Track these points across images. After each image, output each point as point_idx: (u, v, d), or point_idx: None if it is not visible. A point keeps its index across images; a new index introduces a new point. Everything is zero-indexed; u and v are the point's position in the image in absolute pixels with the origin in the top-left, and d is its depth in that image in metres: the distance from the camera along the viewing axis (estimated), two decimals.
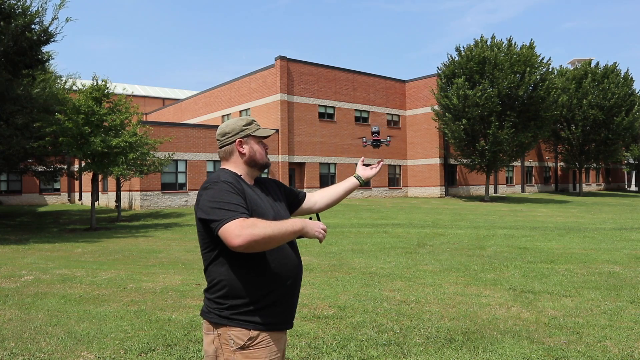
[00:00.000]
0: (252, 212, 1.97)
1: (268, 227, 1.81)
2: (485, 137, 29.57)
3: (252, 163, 2.15)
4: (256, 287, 1.97)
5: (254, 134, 2.16)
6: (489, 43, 30.12)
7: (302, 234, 1.94)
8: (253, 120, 2.20)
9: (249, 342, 1.94)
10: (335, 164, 31.58)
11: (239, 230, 1.78)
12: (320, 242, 2.00)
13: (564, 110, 36.49)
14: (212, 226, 1.88)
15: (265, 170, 28.61)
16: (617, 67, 38.42)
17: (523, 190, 42.98)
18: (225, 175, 2.04)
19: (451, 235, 13.46)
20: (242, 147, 2.14)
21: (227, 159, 2.17)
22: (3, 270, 8.47)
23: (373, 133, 2.43)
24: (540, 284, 6.96)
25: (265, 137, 2.19)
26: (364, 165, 2.60)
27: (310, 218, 2.08)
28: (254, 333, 1.95)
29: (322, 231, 1.98)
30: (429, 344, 4.41)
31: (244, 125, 2.15)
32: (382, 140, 2.43)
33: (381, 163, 2.57)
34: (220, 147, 2.18)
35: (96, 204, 20.78)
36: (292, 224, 1.90)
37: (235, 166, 2.14)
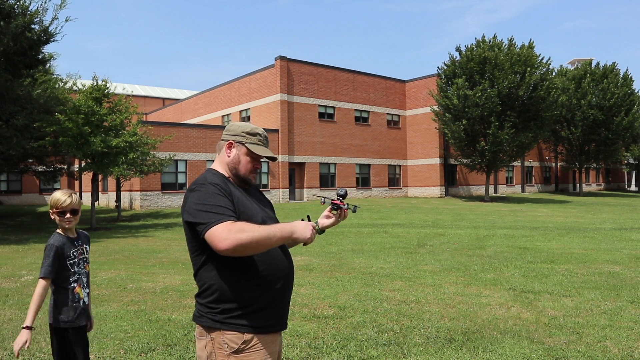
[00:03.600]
0: (240, 213, 1.94)
1: (256, 232, 1.78)
2: (485, 137, 29.57)
3: (233, 170, 2.10)
4: (248, 291, 1.95)
5: (248, 146, 2.10)
6: (490, 43, 30.10)
7: (292, 239, 1.91)
8: (258, 134, 2.13)
9: (243, 345, 1.92)
10: (335, 164, 31.58)
11: (226, 234, 1.76)
12: (306, 243, 1.97)
13: (563, 110, 36.50)
14: (199, 229, 1.84)
15: (265, 170, 28.71)
16: (617, 67, 38.42)
17: (523, 190, 42.98)
18: (212, 176, 2.01)
19: (451, 235, 13.46)
20: (229, 150, 2.10)
21: (218, 154, 2.16)
22: (3, 270, 8.47)
23: (338, 196, 2.19)
24: (540, 284, 6.96)
25: (258, 156, 2.11)
26: (329, 213, 2.26)
27: (302, 219, 2.07)
28: (248, 336, 1.93)
29: (312, 234, 1.94)
30: (429, 344, 4.42)
31: (244, 132, 2.11)
32: (342, 206, 2.17)
33: (343, 215, 2.22)
34: (221, 140, 2.18)
35: (96, 204, 20.78)
36: (282, 229, 1.86)
37: (220, 165, 2.12)
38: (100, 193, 30.73)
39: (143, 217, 21.20)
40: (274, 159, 2.17)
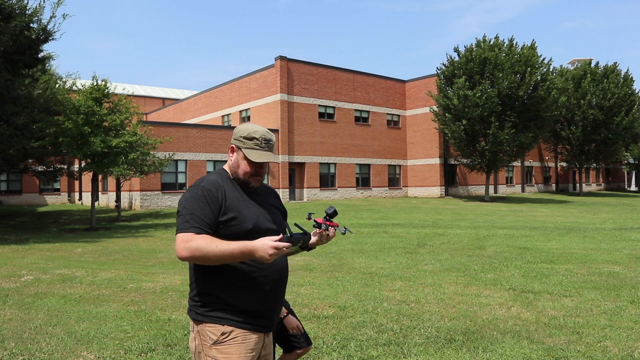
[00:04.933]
0: (231, 219, 2.00)
1: (210, 251, 1.86)
2: (485, 137, 29.57)
3: (234, 173, 2.14)
4: (233, 291, 2.01)
5: (244, 151, 2.10)
6: (491, 43, 30.10)
7: (254, 259, 1.89)
8: (255, 138, 2.10)
9: (222, 337, 1.99)
10: (335, 164, 31.58)
11: (183, 245, 1.89)
12: (267, 262, 1.87)
13: (563, 110, 36.49)
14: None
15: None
16: (617, 67, 38.41)
17: (523, 190, 42.97)
18: (212, 177, 2.09)
19: (451, 235, 13.45)
20: (232, 154, 2.16)
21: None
22: (3, 270, 8.47)
23: (325, 214, 2.09)
24: (540, 284, 6.96)
25: (252, 161, 2.09)
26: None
27: (310, 214, 2.04)
28: (227, 328, 1.99)
29: (269, 256, 1.84)
30: (429, 344, 4.42)
31: (242, 136, 2.12)
32: (322, 225, 2.04)
33: (326, 235, 2.14)
34: None
35: (96, 204, 20.78)
36: (242, 248, 1.85)
37: (228, 166, 2.19)
38: (100, 193, 30.72)
39: (143, 217, 21.20)
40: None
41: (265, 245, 1.83)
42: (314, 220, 2.08)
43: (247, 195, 2.11)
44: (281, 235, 1.88)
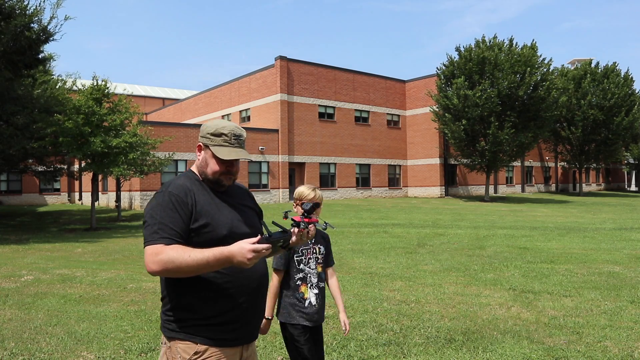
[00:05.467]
0: (202, 225, 1.85)
1: (183, 262, 1.70)
2: (485, 137, 29.57)
3: (202, 174, 1.98)
4: (206, 304, 1.86)
5: (212, 148, 1.94)
6: (490, 43, 30.10)
7: (232, 265, 1.74)
8: (224, 134, 1.94)
9: (195, 356, 1.84)
10: (335, 164, 31.58)
11: (152, 258, 1.73)
12: (247, 267, 1.74)
13: (563, 111, 36.48)
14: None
15: (265, 170, 28.71)
16: (617, 67, 38.40)
17: (523, 190, 42.97)
18: (179, 182, 1.92)
19: (451, 235, 13.45)
20: (199, 152, 2.00)
21: None
22: (3, 270, 8.47)
23: (304, 212, 1.99)
24: (540, 284, 6.96)
25: (221, 159, 1.93)
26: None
27: (286, 212, 1.97)
28: (201, 347, 1.85)
29: (249, 260, 1.69)
30: (429, 344, 4.42)
31: (209, 133, 1.96)
32: (301, 223, 1.93)
33: (306, 233, 1.99)
34: None
35: (96, 204, 20.78)
36: (218, 255, 1.70)
37: (196, 166, 2.02)
38: (100, 193, 30.72)
39: (143, 217, 21.18)
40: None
41: (243, 249, 1.67)
42: (292, 219, 1.98)
43: (218, 198, 1.96)
44: (259, 237, 1.71)
